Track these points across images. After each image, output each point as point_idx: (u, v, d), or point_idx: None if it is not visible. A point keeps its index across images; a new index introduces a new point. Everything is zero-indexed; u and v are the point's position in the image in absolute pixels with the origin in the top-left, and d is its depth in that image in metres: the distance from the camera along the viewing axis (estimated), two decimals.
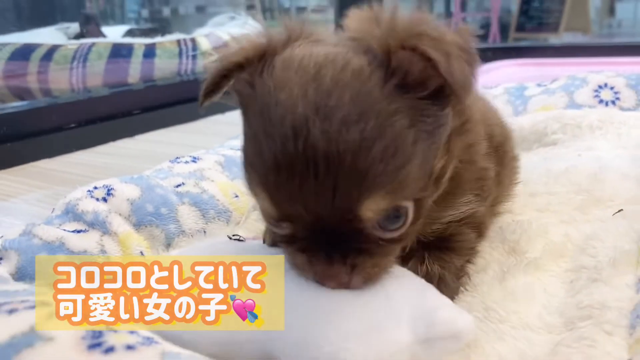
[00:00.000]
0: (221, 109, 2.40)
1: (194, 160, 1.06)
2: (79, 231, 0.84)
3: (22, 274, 0.76)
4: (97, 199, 0.89)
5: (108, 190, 0.90)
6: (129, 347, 0.46)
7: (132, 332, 0.49)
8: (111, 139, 2.02)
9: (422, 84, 0.50)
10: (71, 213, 0.87)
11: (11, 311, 0.49)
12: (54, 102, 2.01)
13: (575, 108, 1.26)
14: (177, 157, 1.08)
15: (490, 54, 2.86)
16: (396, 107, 0.49)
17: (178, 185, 0.96)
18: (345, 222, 0.50)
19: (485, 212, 0.73)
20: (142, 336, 0.49)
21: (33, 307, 0.50)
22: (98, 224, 0.84)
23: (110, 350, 0.45)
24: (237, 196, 1.00)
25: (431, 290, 0.59)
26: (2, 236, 0.86)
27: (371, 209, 0.49)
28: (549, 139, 1.19)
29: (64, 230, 0.83)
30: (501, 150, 0.78)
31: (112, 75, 2.66)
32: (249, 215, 0.99)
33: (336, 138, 0.47)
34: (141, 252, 0.85)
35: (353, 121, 0.47)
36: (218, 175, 1.03)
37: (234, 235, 0.69)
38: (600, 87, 1.28)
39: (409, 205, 0.52)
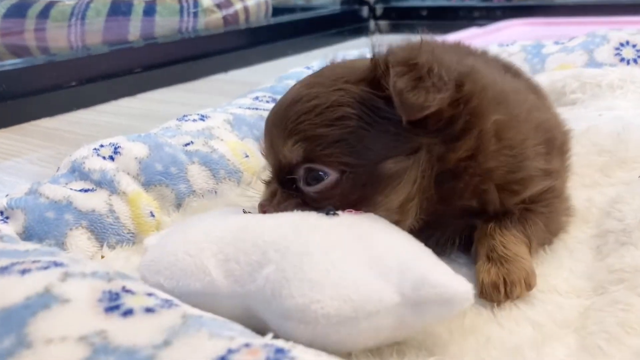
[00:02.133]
0: (224, 67, 2.35)
1: (202, 118, 1.02)
2: (86, 190, 0.81)
3: (30, 234, 0.74)
4: (104, 157, 0.86)
5: (115, 148, 0.87)
6: (148, 310, 0.44)
7: (150, 295, 0.47)
8: (112, 98, 1.97)
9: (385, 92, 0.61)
10: (77, 172, 0.84)
11: (24, 271, 0.47)
12: (53, 60, 1.96)
13: (595, 66, 1.22)
14: (184, 115, 1.05)
15: (499, 13, 2.80)
16: (345, 87, 0.62)
17: (187, 144, 0.93)
18: (282, 164, 0.64)
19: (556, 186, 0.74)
20: (160, 298, 0.47)
21: (46, 268, 0.48)
22: (106, 183, 0.82)
23: (128, 312, 0.43)
24: (247, 156, 0.97)
25: (427, 253, 0.57)
26: (7, 195, 0.83)
27: (290, 151, 0.62)
28: (568, 98, 1.15)
29: (71, 189, 0.80)
30: (565, 149, 0.81)
31: (112, 33, 2.60)
32: (260, 175, 0.96)
33: (293, 94, 0.65)
34: (151, 213, 0.82)
35: (310, 85, 0.64)
36: (227, 135, 0.99)
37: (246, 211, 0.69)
38: (622, 44, 1.23)
39: (329, 171, 0.61)
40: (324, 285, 0.50)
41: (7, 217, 0.76)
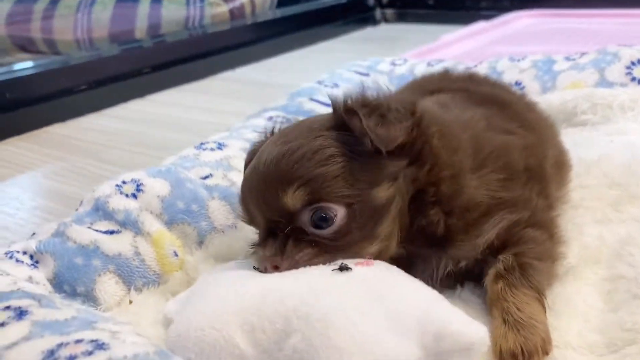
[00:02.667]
0: (231, 64, 2.36)
1: (220, 147, 1.04)
2: (111, 232, 0.83)
3: (60, 280, 0.77)
4: (127, 195, 0.88)
5: (137, 185, 0.89)
6: None
7: None
8: (122, 100, 1.99)
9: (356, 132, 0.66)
10: (101, 210, 0.86)
11: (71, 358, 0.49)
12: (64, 64, 1.96)
13: (606, 85, 1.23)
14: (202, 143, 1.07)
15: (507, 3, 2.78)
16: (322, 134, 0.66)
17: (206, 177, 0.95)
18: (281, 214, 0.64)
19: (531, 217, 0.74)
20: None
21: (90, 353, 0.50)
22: (130, 224, 0.84)
23: None
24: None
25: (442, 302, 0.60)
26: (34, 233, 0.86)
27: (292, 198, 0.63)
28: (579, 119, 1.16)
29: (97, 230, 0.83)
30: (541, 175, 0.81)
31: (118, 26, 2.59)
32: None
33: (271, 155, 0.66)
34: (175, 252, 0.84)
35: (287, 142, 0.67)
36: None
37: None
38: (633, 63, 1.23)
39: (338, 208, 0.64)
40: (352, 352, 0.53)
41: (36, 262, 0.79)
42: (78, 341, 0.52)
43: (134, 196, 0.88)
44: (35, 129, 1.75)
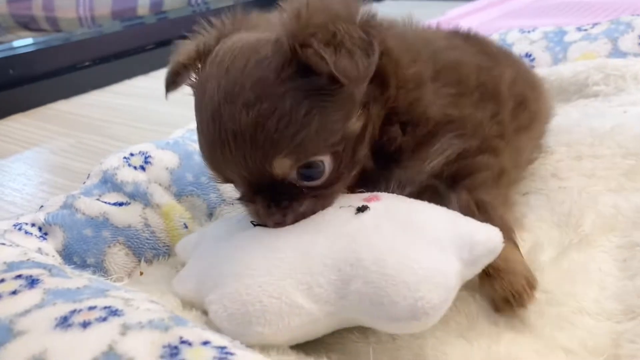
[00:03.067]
0: None
1: None
2: (120, 204, 0.82)
3: (69, 252, 0.76)
4: (135, 167, 0.87)
5: (145, 157, 0.88)
6: None
7: (205, 343, 0.49)
8: (126, 77, 1.98)
9: (319, 72, 0.59)
10: (110, 182, 0.85)
11: (85, 324, 0.49)
12: (66, 41, 1.94)
13: (619, 56, 1.21)
14: None
15: None
16: (286, 89, 0.60)
17: None
18: (267, 177, 0.62)
19: (481, 145, 0.73)
20: (216, 347, 0.49)
21: (105, 319, 0.49)
22: (139, 196, 0.83)
23: None
24: None
25: (459, 216, 0.65)
26: (42, 206, 0.85)
27: (279, 167, 0.61)
28: (590, 90, 1.15)
29: (105, 202, 0.82)
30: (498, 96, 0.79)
31: (120, 3, 2.57)
32: None
33: (239, 119, 0.60)
34: (184, 224, 0.84)
35: (251, 104, 0.60)
36: None
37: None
38: None
39: (324, 158, 0.63)
40: (418, 281, 0.55)
41: (45, 233, 0.78)
42: (91, 308, 0.52)
43: (142, 168, 0.87)
44: (39, 106, 1.74)
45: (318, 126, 0.61)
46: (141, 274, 0.78)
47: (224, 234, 0.70)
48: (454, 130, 0.71)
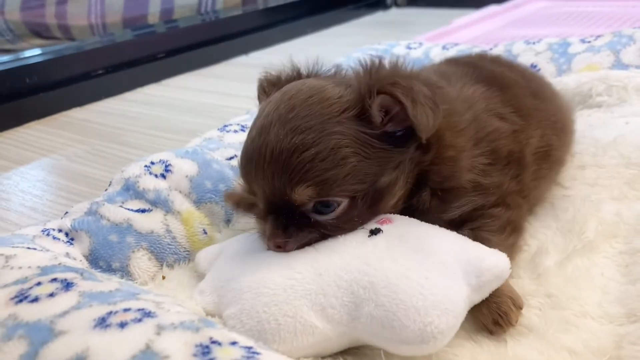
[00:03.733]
0: (244, 49, 2.37)
1: (242, 129, 1.07)
2: (143, 210, 0.86)
3: (96, 256, 0.79)
4: (156, 176, 0.90)
5: (166, 166, 0.92)
6: None
7: (233, 343, 0.52)
8: (138, 85, 2.02)
9: (384, 122, 0.66)
10: (132, 190, 0.89)
11: (122, 325, 0.52)
12: (80, 49, 1.98)
13: (621, 68, 1.24)
14: (224, 125, 1.09)
15: None
16: (338, 130, 0.65)
17: (231, 158, 0.98)
18: (285, 201, 0.66)
19: (497, 200, 0.76)
20: (243, 347, 0.52)
21: (140, 320, 0.53)
22: (161, 203, 0.87)
23: None
24: None
25: (468, 242, 0.68)
26: (67, 212, 0.88)
27: (300, 195, 0.65)
28: (594, 100, 1.18)
29: (129, 209, 0.85)
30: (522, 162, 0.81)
31: (131, 11, 2.61)
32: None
33: (282, 139, 0.65)
34: (204, 230, 0.87)
35: (299, 131, 0.64)
36: None
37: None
38: None
39: (342, 200, 0.66)
40: (427, 307, 0.58)
41: (72, 239, 0.82)
42: (126, 310, 0.55)
43: (163, 176, 0.91)
44: (55, 113, 1.78)
45: (349, 172, 0.65)
46: (163, 278, 0.81)
47: (243, 249, 0.74)
48: (476, 192, 0.74)
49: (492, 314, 0.66)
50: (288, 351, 0.61)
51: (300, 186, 0.64)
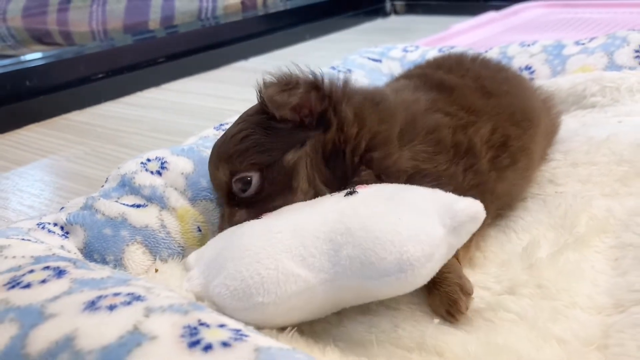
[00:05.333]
0: (244, 54, 2.39)
1: None
2: (138, 206, 0.87)
3: (90, 249, 0.80)
4: (152, 172, 0.91)
5: (162, 163, 0.92)
6: (225, 344, 0.49)
7: (221, 326, 0.53)
8: (138, 89, 2.03)
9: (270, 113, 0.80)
10: (127, 186, 0.90)
11: (111, 307, 0.53)
12: (80, 53, 2.00)
13: (615, 69, 1.25)
14: (221, 124, 1.10)
15: None
16: (245, 120, 0.82)
17: None
18: (221, 188, 0.80)
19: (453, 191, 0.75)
20: (231, 329, 0.53)
21: (129, 303, 0.54)
22: (156, 199, 0.87)
23: (209, 347, 0.49)
24: None
25: (438, 191, 0.71)
26: (62, 207, 0.89)
27: (221, 174, 0.79)
28: (588, 101, 1.19)
29: (123, 204, 0.86)
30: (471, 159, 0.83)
31: (132, 17, 2.63)
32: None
33: (216, 144, 0.85)
34: (198, 227, 0.88)
35: (225, 134, 0.84)
36: None
37: None
38: None
39: (251, 174, 0.78)
40: (402, 239, 0.61)
41: (67, 232, 0.83)
42: (116, 294, 0.56)
43: (159, 173, 0.91)
44: (55, 116, 1.79)
45: (249, 147, 0.78)
46: (156, 271, 0.82)
47: (226, 234, 0.77)
48: (429, 181, 0.77)
49: (443, 304, 0.68)
50: (274, 302, 0.63)
51: (220, 166, 0.80)
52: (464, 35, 2.15)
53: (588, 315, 0.67)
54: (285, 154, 0.78)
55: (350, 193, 0.72)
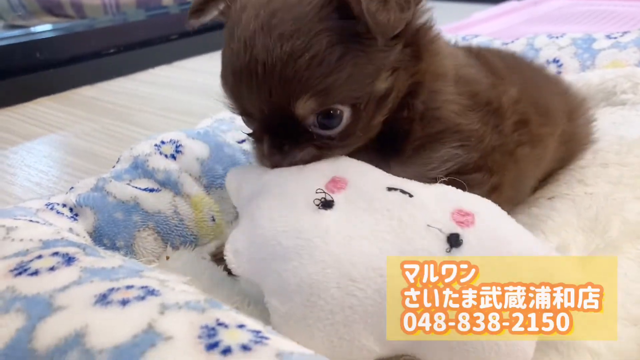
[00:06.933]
0: None
1: None
2: (151, 190, 0.83)
3: (100, 233, 0.77)
4: (166, 156, 0.88)
5: (176, 146, 0.89)
6: (244, 348, 0.46)
7: (240, 326, 0.50)
8: (150, 66, 1.99)
9: (358, 16, 0.59)
10: (141, 169, 0.86)
11: (124, 302, 0.50)
12: (92, 27, 1.96)
13: None
14: None
15: None
16: (324, 27, 0.60)
17: (242, 141, 0.95)
18: (285, 118, 0.62)
19: (479, 160, 0.72)
20: (251, 330, 0.49)
21: (143, 298, 0.50)
22: (170, 184, 0.84)
23: (227, 351, 0.45)
24: None
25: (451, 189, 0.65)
26: (72, 187, 0.86)
27: (302, 108, 0.61)
28: (618, 98, 1.15)
29: (136, 187, 0.83)
30: (501, 116, 0.77)
31: None
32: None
33: (272, 50, 0.59)
34: (212, 217, 0.85)
35: (287, 37, 0.59)
36: None
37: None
38: None
39: (344, 109, 0.62)
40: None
41: (76, 214, 0.79)
42: (129, 287, 0.53)
43: (173, 157, 0.88)
44: (65, 90, 1.76)
45: (349, 74, 0.61)
46: (167, 258, 0.79)
47: (289, 204, 0.62)
48: (459, 141, 0.71)
49: None
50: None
51: (302, 99, 0.60)
52: (485, 24, 2.09)
53: (622, 327, 0.63)
54: (375, 81, 0.63)
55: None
